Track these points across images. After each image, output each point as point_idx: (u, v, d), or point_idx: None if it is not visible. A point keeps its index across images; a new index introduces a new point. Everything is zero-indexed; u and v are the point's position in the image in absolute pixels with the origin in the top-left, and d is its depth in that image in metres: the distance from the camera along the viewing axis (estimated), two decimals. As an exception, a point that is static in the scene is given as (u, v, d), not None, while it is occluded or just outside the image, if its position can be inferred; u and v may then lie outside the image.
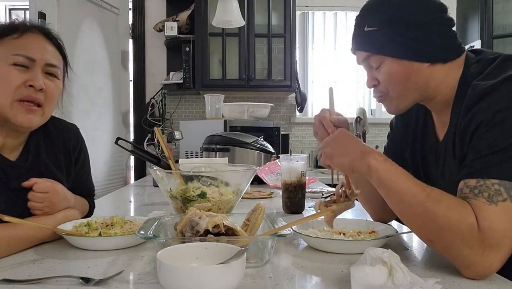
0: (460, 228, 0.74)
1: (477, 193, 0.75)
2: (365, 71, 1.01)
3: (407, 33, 0.90)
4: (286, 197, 1.40)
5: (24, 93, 0.96)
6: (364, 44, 0.97)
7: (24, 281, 0.71)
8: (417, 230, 0.83)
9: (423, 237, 0.83)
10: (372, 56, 0.95)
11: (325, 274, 0.77)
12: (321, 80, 3.72)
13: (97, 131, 2.88)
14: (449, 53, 0.92)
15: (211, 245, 0.72)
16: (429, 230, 0.79)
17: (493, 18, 3.30)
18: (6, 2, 4.19)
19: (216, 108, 2.88)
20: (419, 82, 0.92)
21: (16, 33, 0.98)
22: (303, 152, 3.60)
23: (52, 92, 1.01)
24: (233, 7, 2.33)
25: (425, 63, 0.91)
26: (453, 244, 0.75)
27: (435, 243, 0.80)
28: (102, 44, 3.01)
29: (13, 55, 0.96)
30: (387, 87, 0.95)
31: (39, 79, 0.97)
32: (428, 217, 0.77)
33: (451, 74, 0.92)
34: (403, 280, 0.67)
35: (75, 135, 1.20)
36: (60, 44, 1.08)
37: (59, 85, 1.05)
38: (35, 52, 0.98)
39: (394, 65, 0.92)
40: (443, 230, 0.76)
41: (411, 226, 0.85)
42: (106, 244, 0.92)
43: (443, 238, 0.77)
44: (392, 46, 0.91)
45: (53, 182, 1.01)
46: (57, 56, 1.05)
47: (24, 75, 0.96)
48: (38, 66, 0.98)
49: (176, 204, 1.18)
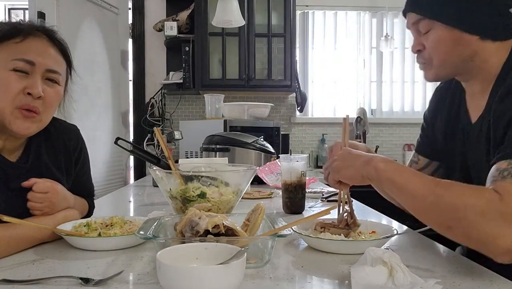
0: (479, 204, 0.73)
1: (506, 175, 0.75)
2: (412, 36, 1.02)
3: (463, 3, 0.90)
4: (286, 197, 1.40)
5: (22, 100, 0.95)
6: (418, 7, 0.97)
7: (23, 281, 0.71)
8: (435, 221, 0.81)
9: (442, 226, 0.80)
10: (423, 21, 0.95)
11: (325, 274, 0.77)
12: (321, 80, 3.72)
13: (97, 131, 2.88)
14: (500, 32, 0.92)
15: (211, 245, 0.72)
16: (446, 217, 0.77)
17: (493, 18, 3.30)
18: (6, 2, 4.19)
19: (216, 108, 2.88)
20: (464, 54, 0.92)
21: (19, 37, 0.97)
22: (303, 152, 3.60)
23: (51, 99, 1.00)
24: (233, 7, 2.33)
25: (475, 35, 0.91)
26: (474, 223, 0.73)
27: (455, 229, 0.77)
28: (101, 44, 3.01)
29: (13, 60, 0.94)
30: (432, 54, 0.96)
31: (37, 86, 0.95)
32: (443, 202, 0.76)
33: (498, 55, 0.92)
34: (404, 281, 0.67)
35: (75, 135, 1.19)
36: (64, 48, 1.06)
37: (59, 91, 1.03)
38: (35, 56, 0.96)
39: (444, 32, 0.92)
40: (461, 211, 0.74)
41: (428, 218, 0.83)
42: (105, 245, 0.92)
43: (462, 220, 0.74)
44: (446, 13, 0.91)
45: (52, 182, 1.01)
46: (59, 61, 1.03)
47: (23, 82, 0.95)
48: (38, 71, 0.97)
49: (176, 204, 1.18)
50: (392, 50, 3.62)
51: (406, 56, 3.75)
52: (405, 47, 3.74)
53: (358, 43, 3.74)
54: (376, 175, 0.87)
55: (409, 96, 3.74)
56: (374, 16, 3.74)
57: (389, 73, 3.75)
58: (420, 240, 1.04)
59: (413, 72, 3.75)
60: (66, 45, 1.08)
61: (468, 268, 0.80)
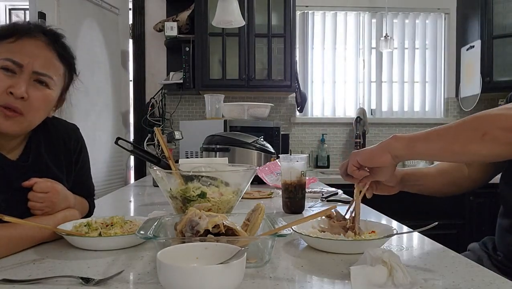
0: None
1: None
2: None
3: None
4: (286, 197, 1.40)
5: (5, 100, 0.94)
6: None
7: (24, 281, 0.71)
8: (480, 141, 0.85)
9: (484, 140, 0.85)
10: None
11: (325, 274, 0.77)
12: (321, 80, 3.72)
13: (97, 131, 2.88)
14: None
15: (211, 245, 0.72)
16: (486, 129, 0.84)
17: (493, 18, 3.30)
18: (6, 2, 4.19)
19: (216, 108, 2.88)
20: None
21: (13, 37, 0.97)
22: (303, 152, 3.60)
23: (37, 102, 0.98)
24: (233, 7, 2.33)
25: None
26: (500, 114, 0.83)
27: (490, 133, 0.84)
28: (102, 44, 3.01)
29: (1, 59, 0.95)
30: None
31: (20, 87, 0.94)
32: (484, 118, 0.85)
33: None
34: (403, 280, 0.67)
35: (75, 135, 1.19)
36: (64, 52, 1.05)
37: (49, 94, 1.01)
38: (24, 57, 0.96)
39: None
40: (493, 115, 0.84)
41: (478, 144, 0.86)
42: (106, 244, 0.92)
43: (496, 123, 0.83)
44: None
45: (53, 182, 1.01)
46: (53, 64, 1.01)
47: (9, 81, 0.94)
48: (25, 72, 0.96)
49: (176, 204, 1.18)
50: (391, 50, 3.62)
51: (405, 56, 3.75)
52: (404, 47, 3.75)
53: (358, 43, 3.74)
54: (408, 143, 0.90)
55: (409, 96, 3.75)
56: (373, 17, 3.74)
57: (389, 73, 3.75)
58: (420, 240, 1.04)
59: (412, 72, 3.75)
60: (70, 51, 1.06)
61: (468, 268, 0.80)
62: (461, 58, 3.62)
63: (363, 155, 0.97)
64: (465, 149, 0.87)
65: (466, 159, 0.93)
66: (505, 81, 3.26)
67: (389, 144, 0.94)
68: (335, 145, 3.70)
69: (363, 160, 0.97)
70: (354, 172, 0.99)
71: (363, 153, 0.97)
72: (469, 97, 3.52)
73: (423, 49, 3.77)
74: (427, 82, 3.78)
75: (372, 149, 0.97)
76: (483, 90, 3.32)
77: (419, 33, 3.76)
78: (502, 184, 1.14)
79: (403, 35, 3.74)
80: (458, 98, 3.69)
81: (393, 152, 0.93)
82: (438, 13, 3.76)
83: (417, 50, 3.77)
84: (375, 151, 0.95)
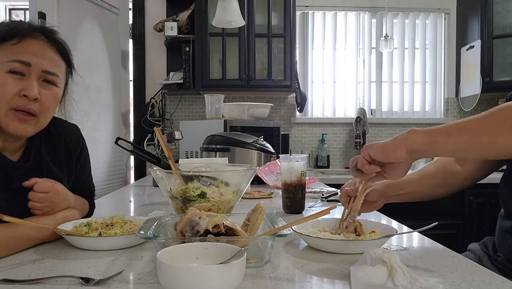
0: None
1: None
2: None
3: None
4: (286, 197, 1.40)
5: (18, 102, 0.95)
6: None
7: (24, 281, 0.71)
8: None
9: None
10: None
11: (325, 274, 0.77)
12: (321, 80, 3.72)
13: (97, 131, 2.88)
14: None
15: (211, 245, 0.72)
16: None
17: (493, 18, 3.30)
18: (6, 2, 4.19)
19: (216, 108, 2.88)
20: None
21: (16, 39, 0.96)
22: (303, 152, 3.60)
23: (48, 101, 0.99)
24: (233, 7, 2.33)
25: None
26: None
27: None
28: (102, 44, 3.01)
29: (9, 62, 0.94)
30: None
31: (33, 89, 0.95)
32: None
33: None
34: (403, 280, 0.67)
35: (76, 135, 1.19)
36: (64, 49, 1.05)
37: (56, 93, 1.02)
38: (31, 56, 0.96)
39: None
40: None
41: (509, 136, 0.82)
42: (106, 244, 0.92)
43: None
44: None
45: (53, 182, 1.01)
46: (57, 62, 1.02)
47: (19, 84, 0.94)
48: (34, 72, 0.96)
49: (176, 204, 1.18)
50: (391, 50, 3.62)
51: (405, 56, 3.75)
52: (404, 47, 3.75)
53: (358, 43, 3.74)
54: (429, 136, 0.85)
55: (409, 96, 3.74)
56: (373, 17, 3.74)
57: (389, 73, 3.75)
58: (420, 240, 1.04)
59: (412, 72, 3.75)
60: (66, 46, 1.07)
61: (468, 268, 0.81)
62: (461, 58, 3.62)
63: (376, 149, 0.89)
64: (494, 141, 0.81)
65: (495, 153, 0.85)
66: (505, 81, 3.26)
67: (406, 138, 0.87)
68: (335, 145, 3.71)
69: (375, 154, 0.89)
70: (364, 166, 0.91)
71: (376, 146, 0.89)
72: (469, 97, 3.52)
73: (423, 49, 3.76)
74: (427, 82, 3.78)
75: (387, 143, 0.89)
76: (483, 90, 3.32)
77: (419, 33, 3.76)
78: (503, 185, 1.14)
79: (403, 35, 3.74)
80: (458, 98, 3.69)
81: (411, 146, 0.86)
82: (438, 13, 3.76)
83: (417, 50, 3.77)
84: (390, 144, 0.88)
